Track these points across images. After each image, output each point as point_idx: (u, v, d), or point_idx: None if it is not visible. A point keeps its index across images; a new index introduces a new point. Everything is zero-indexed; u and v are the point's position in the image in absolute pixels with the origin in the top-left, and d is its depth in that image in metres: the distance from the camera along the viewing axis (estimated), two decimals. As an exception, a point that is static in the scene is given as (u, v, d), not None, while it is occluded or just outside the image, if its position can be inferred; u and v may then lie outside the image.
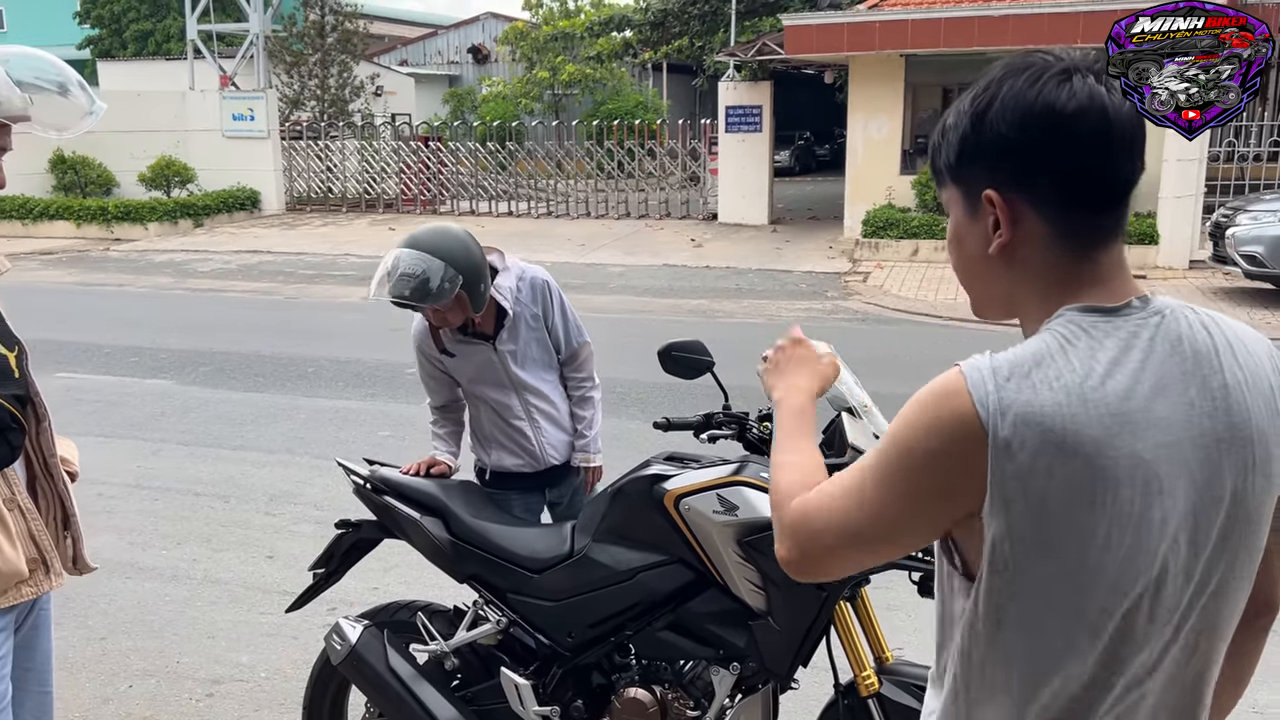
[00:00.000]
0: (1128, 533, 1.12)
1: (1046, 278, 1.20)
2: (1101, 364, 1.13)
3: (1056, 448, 1.10)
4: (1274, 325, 10.12)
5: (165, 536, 5.14)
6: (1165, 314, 1.18)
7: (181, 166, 19.69)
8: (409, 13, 44.42)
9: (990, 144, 1.19)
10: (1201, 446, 1.14)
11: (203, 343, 9.58)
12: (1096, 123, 1.17)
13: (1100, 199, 1.19)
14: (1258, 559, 1.22)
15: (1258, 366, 1.19)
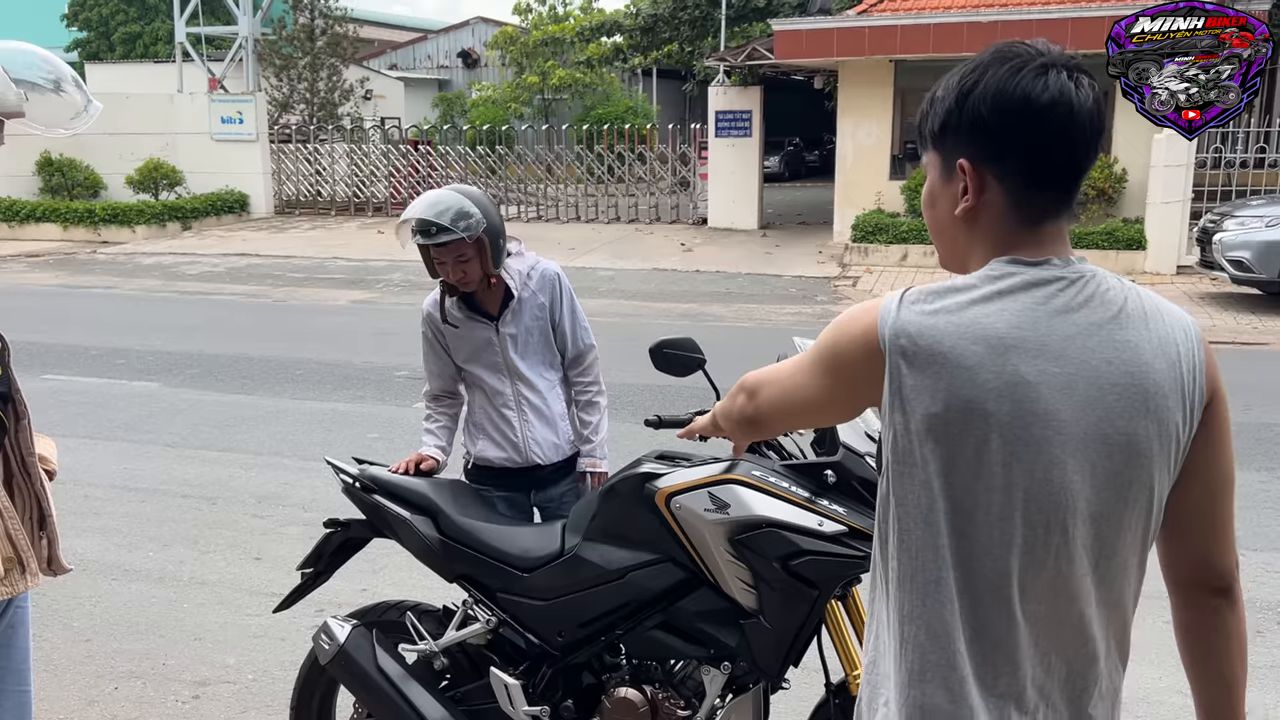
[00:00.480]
0: (1006, 444, 1.29)
1: (996, 241, 1.38)
2: (999, 298, 1.31)
3: (941, 360, 1.29)
4: (1261, 330, 10.18)
5: (152, 538, 5.10)
6: (1085, 275, 1.35)
7: (170, 169, 19.62)
8: (399, 17, 44.41)
9: (970, 120, 1.35)
10: (1096, 385, 1.31)
11: (190, 345, 9.54)
12: (1063, 115, 1.32)
13: (1055, 180, 1.36)
14: (1155, 501, 1.37)
15: (1167, 333, 1.35)
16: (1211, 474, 1.41)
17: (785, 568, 2.32)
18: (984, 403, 1.28)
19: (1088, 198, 14.36)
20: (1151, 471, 1.35)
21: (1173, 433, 1.35)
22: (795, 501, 2.33)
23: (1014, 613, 1.34)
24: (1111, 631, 1.41)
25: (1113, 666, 1.43)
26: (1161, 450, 1.34)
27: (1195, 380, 1.36)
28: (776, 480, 2.38)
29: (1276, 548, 4.88)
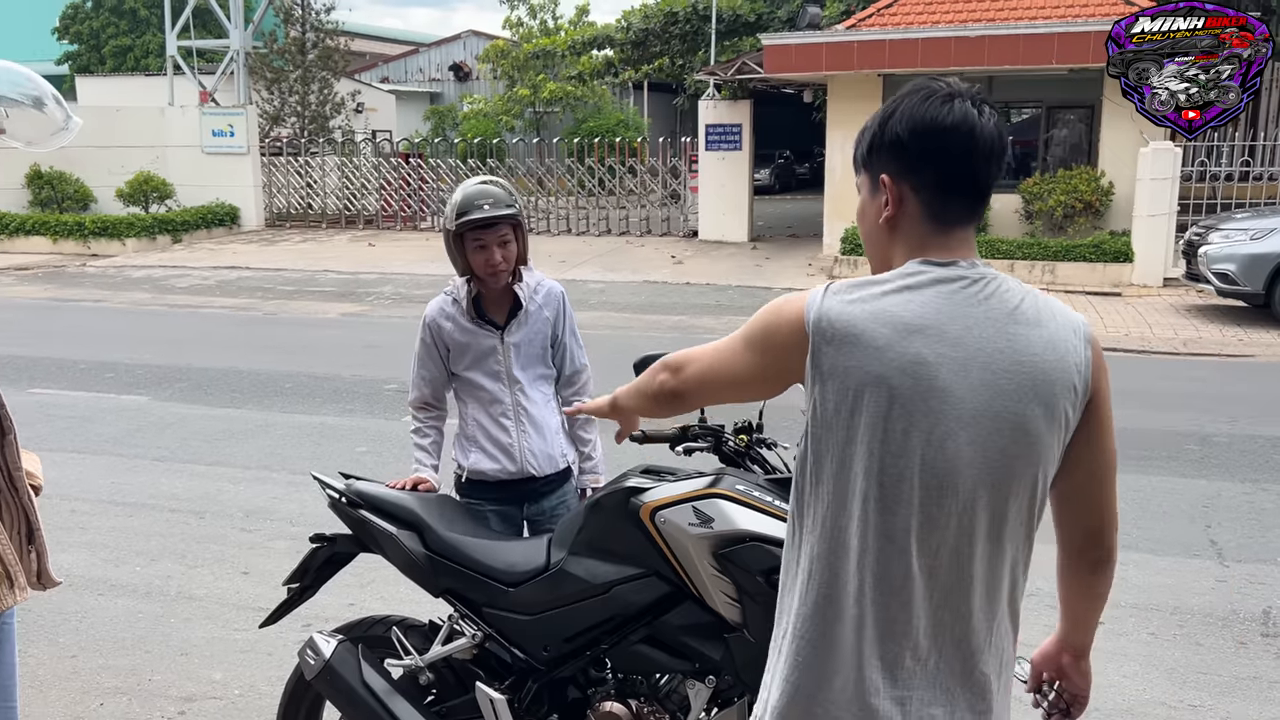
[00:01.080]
0: (907, 414, 1.48)
1: (913, 244, 1.58)
2: (908, 291, 1.51)
3: (854, 341, 1.49)
4: (1246, 342, 10.24)
5: (139, 553, 5.09)
6: (987, 276, 1.55)
7: (160, 182, 19.60)
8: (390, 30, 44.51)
9: (890, 141, 1.57)
10: (989, 369, 1.50)
11: (180, 358, 9.52)
12: (965, 135, 1.53)
13: (962, 192, 1.57)
14: (1040, 477, 1.55)
15: (1058, 331, 1.55)
16: (1094, 462, 1.61)
17: (769, 581, 2.33)
18: (889, 378, 1.48)
19: (1075, 210, 14.45)
20: (1038, 450, 1.53)
21: (1059, 419, 1.54)
22: (779, 515, 2.35)
23: (911, 566, 1.52)
24: (1003, 594, 1.58)
25: (1004, 629, 1.60)
26: (1048, 432, 1.53)
27: (1080, 375, 1.55)
28: (760, 494, 2.40)
29: (1260, 559, 4.91)
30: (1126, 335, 10.56)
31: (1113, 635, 4.18)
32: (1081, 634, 1.79)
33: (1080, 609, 1.76)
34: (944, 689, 1.56)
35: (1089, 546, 1.68)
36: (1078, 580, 1.72)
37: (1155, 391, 8.36)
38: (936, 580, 1.53)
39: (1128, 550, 4.99)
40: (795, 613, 1.60)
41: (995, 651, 1.59)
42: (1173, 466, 6.31)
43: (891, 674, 1.54)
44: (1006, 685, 1.64)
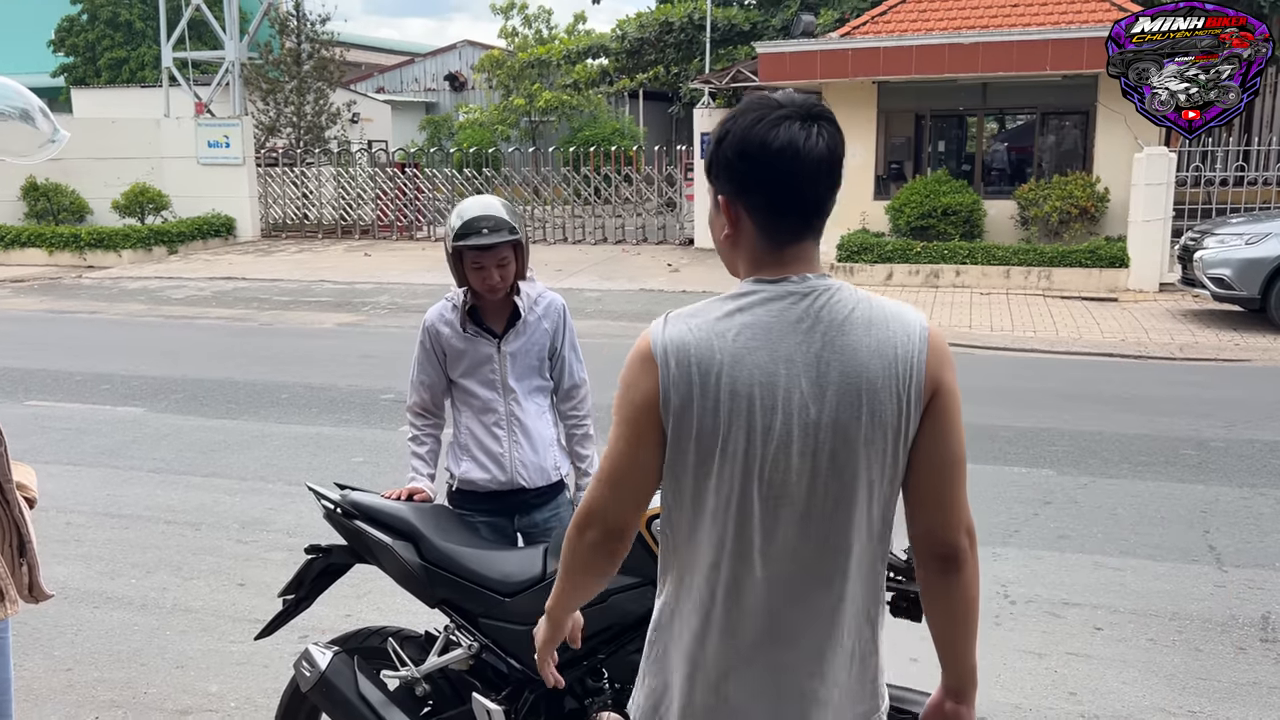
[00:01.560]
0: (745, 431, 1.57)
1: (751, 260, 1.65)
2: (739, 313, 1.59)
3: (693, 366, 1.58)
4: (1243, 346, 10.25)
5: (135, 565, 5.07)
6: (816, 290, 1.60)
7: (156, 194, 19.59)
8: (386, 41, 44.58)
9: (723, 163, 1.62)
10: (817, 384, 1.57)
11: (175, 369, 9.50)
12: (790, 158, 1.57)
13: (792, 211, 1.61)
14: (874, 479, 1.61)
15: (888, 337, 1.59)
16: (937, 458, 1.63)
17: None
18: (719, 399, 1.57)
19: (1070, 215, 14.47)
20: (869, 457, 1.60)
21: (889, 422, 1.60)
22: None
23: (755, 575, 1.62)
24: (851, 593, 1.65)
25: (856, 626, 1.67)
26: (877, 439, 1.60)
27: (914, 377, 1.59)
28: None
29: (1258, 564, 4.90)
30: (1123, 341, 10.57)
31: (1111, 641, 4.18)
32: (955, 674, 1.73)
33: (943, 629, 1.71)
34: (792, 681, 1.65)
35: (935, 546, 1.66)
36: (931, 585, 1.68)
37: (1152, 397, 8.36)
38: (781, 586, 1.63)
39: (1126, 556, 5.00)
40: (656, 619, 1.73)
41: (847, 644, 1.67)
42: (1170, 472, 6.30)
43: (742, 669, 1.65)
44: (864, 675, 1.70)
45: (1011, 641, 4.18)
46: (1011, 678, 3.90)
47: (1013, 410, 7.89)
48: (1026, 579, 4.75)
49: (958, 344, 10.76)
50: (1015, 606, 4.49)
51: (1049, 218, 14.56)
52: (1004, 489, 6.00)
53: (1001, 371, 9.57)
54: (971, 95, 16.04)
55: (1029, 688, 3.83)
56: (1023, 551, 5.08)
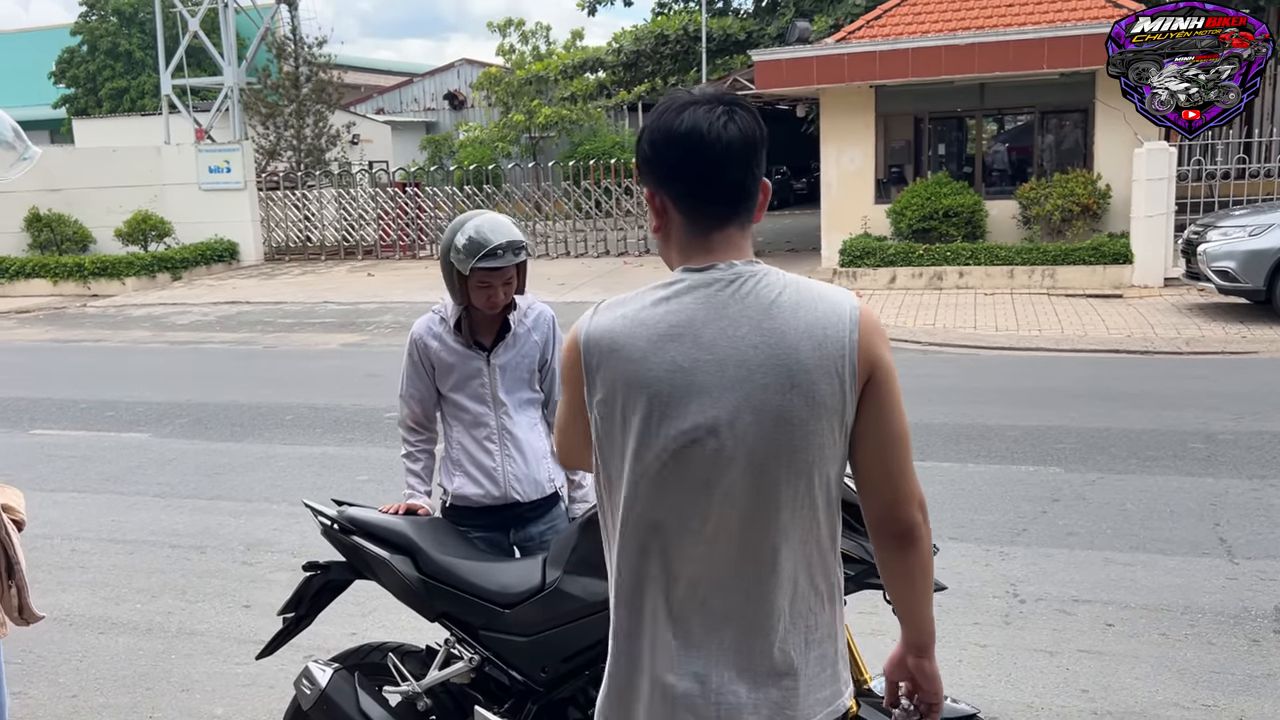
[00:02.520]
0: (670, 418, 1.59)
1: (680, 250, 1.68)
2: (665, 301, 1.62)
3: (616, 354, 1.61)
4: (1249, 339, 10.19)
5: (140, 590, 5.06)
6: (742, 275, 1.62)
7: (158, 220, 19.69)
8: (384, 62, 44.78)
9: (643, 158, 1.67)
10: (744, 367, 1.58)
11: (181, 394, 9.51)
12: (698, 142, 1.60)
13: (712, 196, 1.63)
14: (810, 459, 1.61)
15: (817, 319, 1.60)
16: (881, 436, 1.65)
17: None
18: (648, 385, 1.59)
19: (1072, 213, 14.44)
20: (804, 436, 1.60)
21: (825, 402, 1.60)
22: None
23: (694, 559, 1.63)
24: (795, 574, 1.65)
25: (804, 603, 1.67)
26: (813, 418, 1.60)
27: (847, 357, 1.60)
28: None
29: (1270, 555, 4.85)
30: (1129, 337, 10.52)
31: (1124, 637, 4.13)
32: (916, 631, 1.77)
33: (901, 597, 1.75)
34: (743, 667, 1.64)
35: (889, 522, 1.68)
36: (888, 557, 1.72)
37: (1159, 392, 8.31)
38: (721, 569, 1.63)
39: (1136, 551, 4.96)
40: (612, 610, 1.74)
41: (798, 629, 1.67)
42: (1179, 465, 6.25)
43: (688, 656, 1.64)
44: (823, 659, 1.69)
45: (1022, 640, 4.14)
46: (1023, 676, 3.86)
47: (1019, 409, 7.85)
48: (1036, 577, 4.71)
49: (963, 345, 10.72)
50: (1025, 605, 4.44)
51: (1051, 216, 14.53)
52: (1011, 488, 5.96)
53: (1007, 371, 9.53)
54: (969, 96, 16.03)
55: (1041, 686, 3.78)
56: (1031, 550, 5.03)
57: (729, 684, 1.64)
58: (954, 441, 6.93)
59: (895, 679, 1.81)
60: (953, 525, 5.36)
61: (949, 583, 4.56)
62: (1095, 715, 3.58)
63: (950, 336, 11.06)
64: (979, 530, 5.30)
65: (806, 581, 1.67)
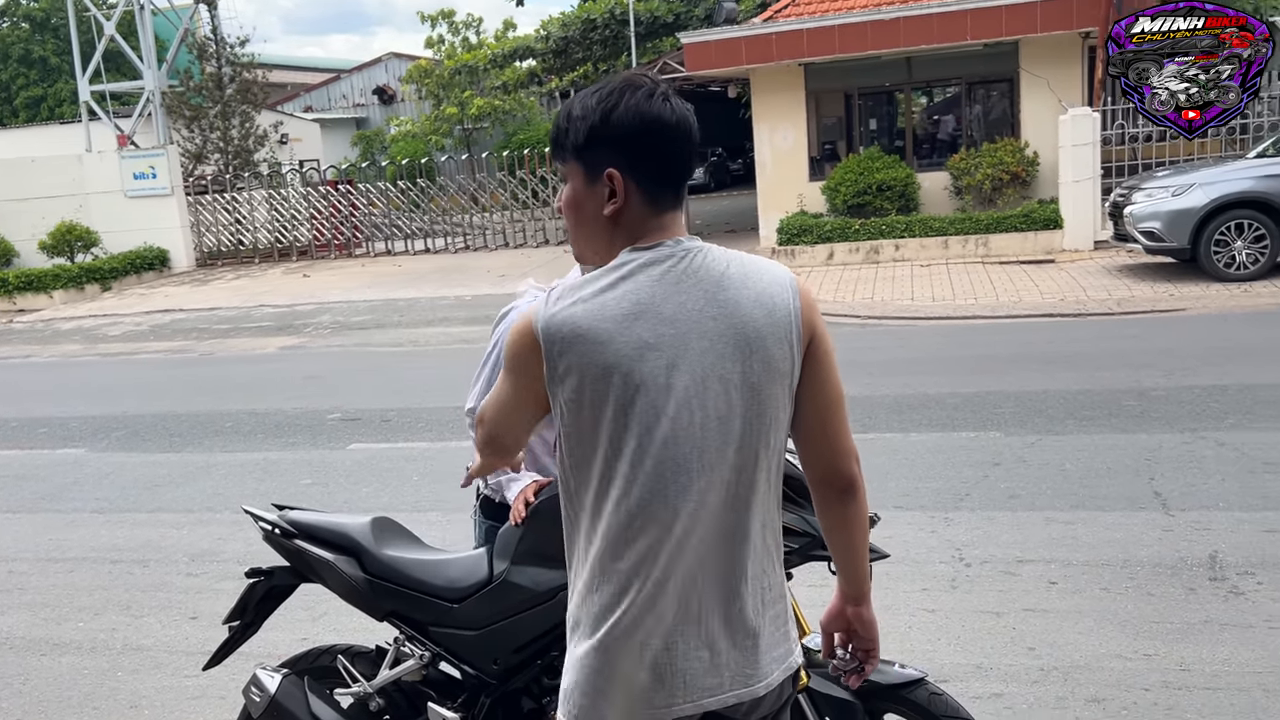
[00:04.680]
0: (642, 396, 1.62)
1: (634, 232, 1.70)
2: (621, 282, 1.64)
3: (581, 340, 1.61)
4: (1177, 296, 10.45)
5: (82, 609, 4.94)
6: (691, 250, 1.67)
7: (84, 231, 19.18)
8: (310, 59, 44.02)
9: (615, 136, 1.66)
10: (706, 338, 1.64)
11: (115, 407, 9.30)
12: (684, 132, 1.69)
13: (673, 181, 1.70)
14: (769, 424, 1.69)
15: (765, 288, 1.68)
16: (821, 397, 1.74)
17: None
18: (618, 366, 1.61)
19: (1002, 182, 14.67)
20: (767, 403, 1.68)
21: (779, 368, 1.68)
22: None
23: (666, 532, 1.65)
24: (757, 538, 1.72)
25: (761, 564, 1.74)
26: (771, 384, 1.68)
27: (793, 324, 1.69)
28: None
29: (1203, 506, 4.99)
30: (1062, 300, 10.73)
31: (1067, 594, 4.23)
32: (855, 582, 1.85)
33: (842, 550, 1.83)
34: (708, 636, 1.70)
35: (831, 477, 1.78)
36: (830, 511, 1.81)
37: (1093, 353, 8.49)
38: (702, 537, 1.68)
39: (1076, 510, 5.07)
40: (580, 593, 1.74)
41: (758, 590, 1.73)
42: (1114, 424, 6.40)
43: (660, 626, 1.67)
44: (776, 619, 1.77)
45: (969, 603, 4.22)
46: (971, 638, 3.93)
47: (958, 377, 7.98)
48: (980, 541, 4.80)
49: (901, 317, 10.86)
50: (971, 569, 4.53)
51: (982, 185, 14.75)
52: (953, 454, 6.06)
53: (945, 341, 9.67)
54: (897, 71, 16.19)
55: (989, 646, 3.86)
56: (975, 514, 5.13)
57: (695, 650, 1.69)
58: (896, 412, 7.03)
59: (833, 630, 1.89)
60: (898, 494, 5.43)
61: (896, 550, 4.64)
62: (1042, 672, 3.66)
63: (888, 309, 11.19)
64: (923, 498, 5.39)
65: (761, 542, 1.74)
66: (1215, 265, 10.88)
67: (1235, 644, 3.72)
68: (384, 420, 7.95)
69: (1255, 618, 3.90)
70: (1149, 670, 3.60)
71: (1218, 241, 10.85)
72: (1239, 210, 10.80)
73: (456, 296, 14.69)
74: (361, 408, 8.35)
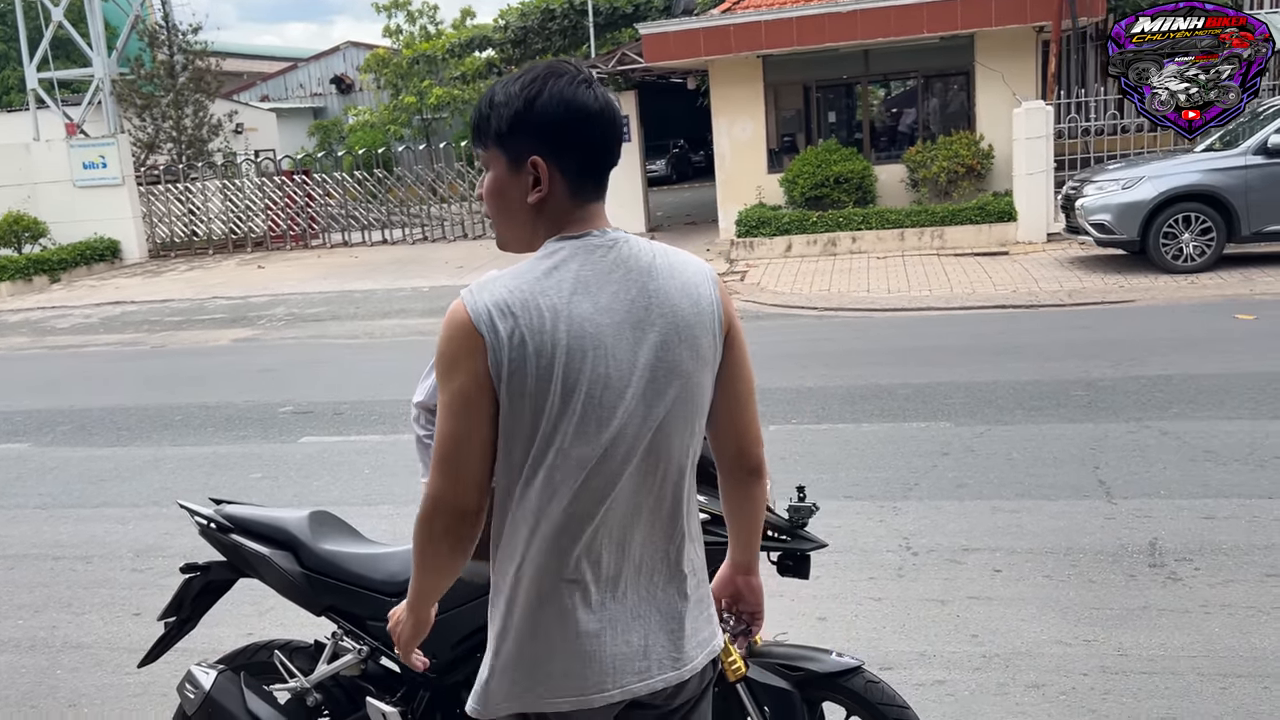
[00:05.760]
0: (582, 384, 1.61)
1: (558, 220, 1.69)
2: (556, 271, 1.63)
3: (521, 328, 1.59)
4: (1127, 288, 10.61)
5: (21, 606, 4.85)
6: (619, 240, 1.68)
7: (31, 221, 18.81)
8: (266, 48, 43.40)
9: (539, 124, 1.64)
10: (637, 325, 1.65)
11: (62, 401, 9.13)
12: (608, 119, 1.67)
13: (598, 169, 1.69)
14: (697, 409, 1.73)
15: (690, 279, 1.71)
16: (736, 385, 1.79)
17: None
18: (554, 352, 1.60)
19: (958, 175, 14.80)
20: (694, 389, 1.71)
21: (705, 355, 1.71)
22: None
23: (606, 519, 1.67)
24: (683, 520, 1.76)
25: (692, 554, 1.79)
26: (698, 371, 1.71)
27: (715, 315, 1.72)
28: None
29: (1145, 494, 5.07)
30: (1014, 292, 10.85)
31: (1010, 581, 4.28)
32: (747, 552, 1.96)
33: (743, 524, 1.93)
34: (638, 616, 1.73)
35: (742, 461, 1.85)
36: (737, 493, 1.89)
37: (1043, 344, 8.60)
38: (639, 522, 1.71)
39: (1022, 498, 5.13)
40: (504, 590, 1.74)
41: (684, 574, 1.78)
42: (1061, 413, 6.49)
43: (589, 611, 1.69)
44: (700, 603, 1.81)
45: (914, 591, 4.25)
46: (915, 626, 3.97)
47: (910, 368, 8.04)
48: (927, 530, 4.85)
49: (856, 308, 10.93)
50: (917, 557, 4.57)
51: (938, 178, 14.87)
52: (902, 444, 6.11)
53: (900, 332, 9.75)
54: (855, 63, 16.27)
55: (932, 634, 3.90)
56: (922, 503, 5.17)
57: (624, 634, 1.71)
58: (849, 402, 7.07)
59: (722, 595, 1.99)
60: (848, 484, 5.47)
61: (844, 540, 4.68)
62: (984, 659, 3.70)
63: (844, 301, 11.26)
64: (873, 488, 5.43)
65: (687, 527, 1.79)
66: (1164, 257, 11.06)
67: (1172, 629, 3.79)
68: (336, 413, 7.87)
69: (1192, 603, 3.97)
70: (1088, 656, 3.65)
71: (1166, 234, 11.03)
72: (1187, 203, 10.98)
73: (414, 288, 14.57)
74: (314, 400, 8.26)
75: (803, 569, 2.63)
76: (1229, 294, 10.03)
